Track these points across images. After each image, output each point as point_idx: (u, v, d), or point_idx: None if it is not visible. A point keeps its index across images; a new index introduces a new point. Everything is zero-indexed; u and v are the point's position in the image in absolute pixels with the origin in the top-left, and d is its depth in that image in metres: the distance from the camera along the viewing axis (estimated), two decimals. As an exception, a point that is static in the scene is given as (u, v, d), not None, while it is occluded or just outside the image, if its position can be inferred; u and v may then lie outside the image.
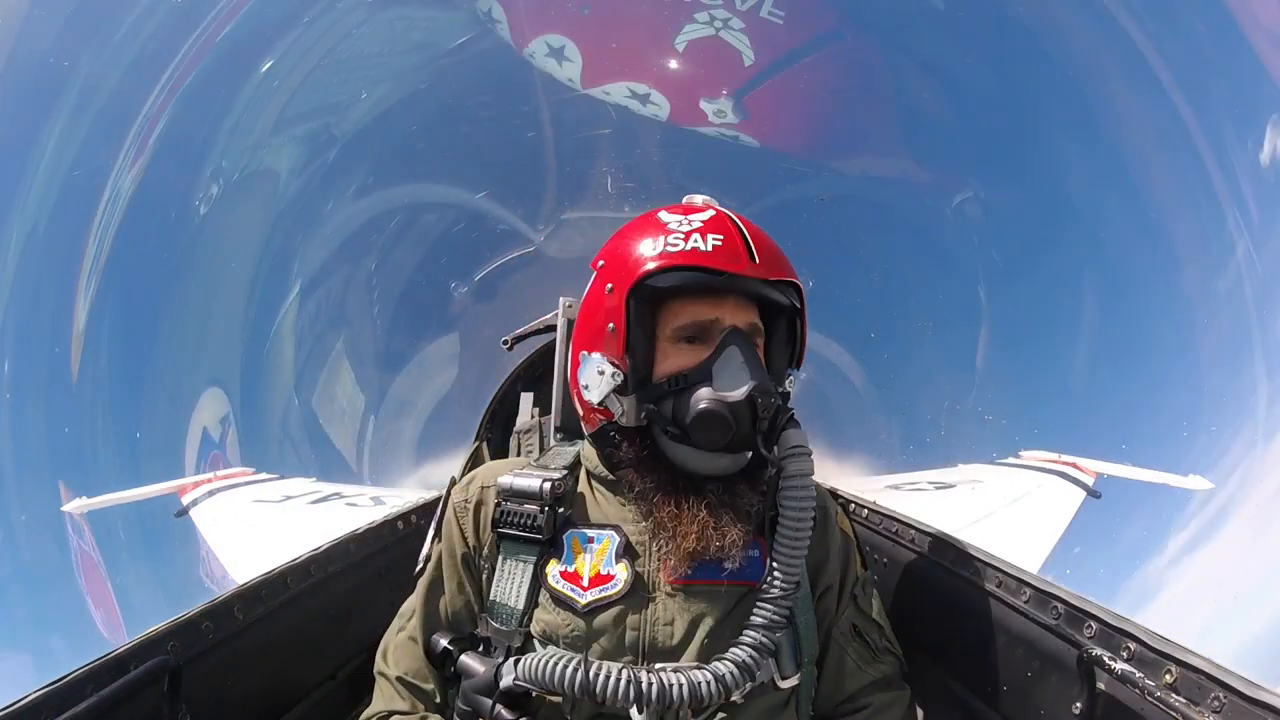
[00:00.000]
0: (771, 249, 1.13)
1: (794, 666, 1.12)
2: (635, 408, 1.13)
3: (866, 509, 1.91)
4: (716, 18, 4.34)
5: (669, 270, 1.08)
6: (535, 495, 1.17)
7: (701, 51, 4.48)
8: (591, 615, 1.10)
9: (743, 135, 4.74)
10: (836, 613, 1.21)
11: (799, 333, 1.20)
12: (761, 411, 1.05)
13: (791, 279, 1.14)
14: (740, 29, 4.37)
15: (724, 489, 1.11)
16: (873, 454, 4.60)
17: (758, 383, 1.05)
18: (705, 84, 4.62)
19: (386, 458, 5.07)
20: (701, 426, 1.06)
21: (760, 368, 1.07)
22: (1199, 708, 0.84)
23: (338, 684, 1.61)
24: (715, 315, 1.11)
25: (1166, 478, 4.25)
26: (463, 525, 1.25)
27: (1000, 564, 1.31)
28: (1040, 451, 4.51)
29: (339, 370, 5.23)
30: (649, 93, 4.60)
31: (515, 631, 1.15)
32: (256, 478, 4.97)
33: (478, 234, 4.96)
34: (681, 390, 1.09)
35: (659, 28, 4.49)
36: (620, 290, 1.11)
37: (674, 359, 1.12)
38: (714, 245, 1.08)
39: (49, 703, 0.93)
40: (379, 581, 1.79)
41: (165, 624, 1.17)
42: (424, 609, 1.26)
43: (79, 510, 4.93)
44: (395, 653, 1.25)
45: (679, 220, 1.13)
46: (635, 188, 4.72)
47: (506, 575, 1.18)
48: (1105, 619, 1.02)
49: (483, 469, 1.33)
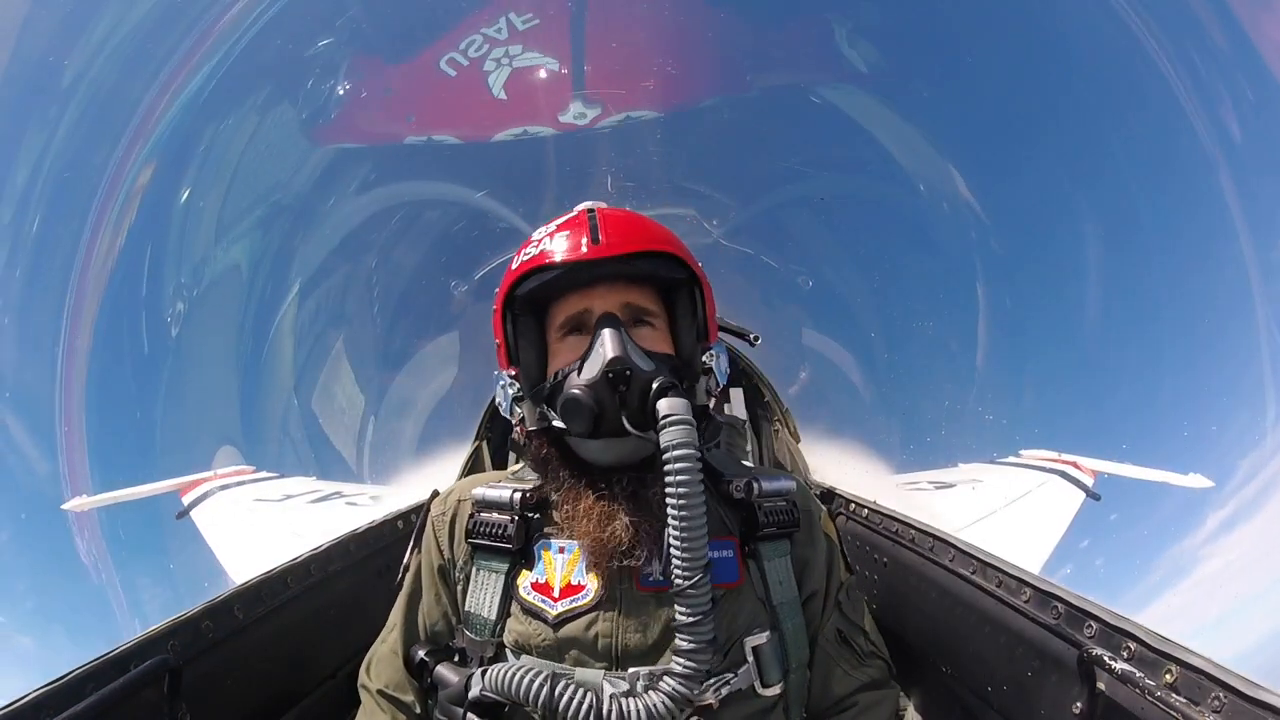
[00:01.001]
0: (627, 228, 1.11)
1: (778, 673, 1.10)
2: (532, 411, 1.16)
3: (866, 509, 1.91)
4: (500, 59, 4.43)
5: (525, 276, 1.12)
6: (505, 505, 1.19)
7: (519, 82, 4.54)
8: (562, 625, 1.10)
9: (630, 114, 4.68)
10: (822, 619, 1.21)
11: (700, 304, 1.17)
12: (622, 386, 1.02)
13: (654, 249, 1.11)
14: (521, 52, 4.43)
15: (632, 480, 1.11)
16: (873, 454, 4.59)
17: (613, 357, 1.03)
18: (547, 104, 4.64)
19: (386, 458, 5.07)
20: (569, 414, 1.06)
21: (621, 345, 1.04)
22: (1199, 708, 0.84)
23: (338, 684, 1.61)
24: (585, 305, 1.12)
25: (1167, 476, 4.25)
26: (439, 537, 1.27)
27: (1000, 564, 1.31)
28: (1040, 451, 4.51)
29: (339, 370, 5.23)
30: (523, 130, 4.69)
31: (488, 642, 1.16)
32: (257, 476, 4.97)
33: (478, 233, 4.96)
34: (559, 383, 1.11)
35: (470, 87, 4.56)
36: (497, 307, 1.17)
37: (560, 356, 1.14)
38: (558, 241, 1.10)
39: (50, 701, 0.94)
40: (379, 581, 1.79)
41: (165, 623, 1.17)
42: (404, 621, 1.28)
43: (79, 508, 4.94)
44: (377, 666, 1.27)
45: (541, 230, 1.17)
46: (635, 187, 4.72)
47: (479, 586, 1.19)
48: (1105, 619, 1.02)
49: (462, 482, 1.36)
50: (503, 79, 4.51)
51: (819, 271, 4.77)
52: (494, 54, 4.42)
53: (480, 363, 4.43)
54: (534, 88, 4.62)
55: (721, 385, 1.15)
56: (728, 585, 1.12)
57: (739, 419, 3.03)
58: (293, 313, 5.14)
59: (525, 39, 4.41)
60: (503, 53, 4.43)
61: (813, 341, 4.76)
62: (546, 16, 4.41)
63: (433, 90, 4.71)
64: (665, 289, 1.18)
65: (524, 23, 4.37)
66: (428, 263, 5.11)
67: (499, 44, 4.40)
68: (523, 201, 4.82)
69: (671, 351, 1.15)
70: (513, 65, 4.47)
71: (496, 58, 4.44)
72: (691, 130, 4.82)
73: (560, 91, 4.56)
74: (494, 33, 4.37)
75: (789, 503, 1.21)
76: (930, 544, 1.55)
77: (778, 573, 1.16)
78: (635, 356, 1.05)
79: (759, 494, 1.17)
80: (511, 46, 4.42)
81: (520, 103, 4.61)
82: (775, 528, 1.17)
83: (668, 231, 1.17)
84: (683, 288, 1.16)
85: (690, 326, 1.16)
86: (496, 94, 4.56)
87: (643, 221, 1.16)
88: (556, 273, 1.10)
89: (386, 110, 4.88)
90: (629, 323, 1.11)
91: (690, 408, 0.99)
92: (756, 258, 4.72)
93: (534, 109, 4.64)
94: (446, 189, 5.10)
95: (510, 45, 4.41)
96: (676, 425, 0.97)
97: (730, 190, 4.78)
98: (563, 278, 1.11)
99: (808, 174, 4.89)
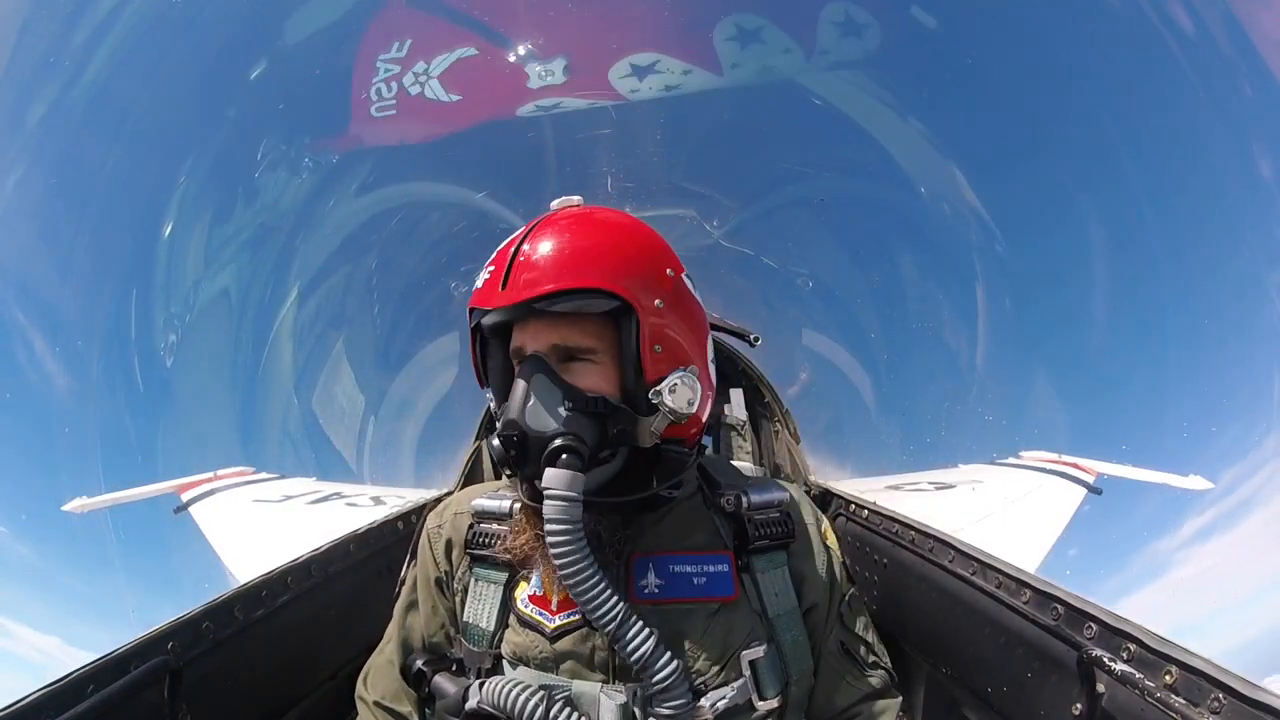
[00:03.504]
0: (547, 266, 1.03)
1: (776, 686, 1.10)
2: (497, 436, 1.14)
3: (866, 509, 1.91)
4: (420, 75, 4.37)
5: (472, 310, 1.11)
6: (504, 516, 1.19)
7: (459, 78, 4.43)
8: (560, 638, 1.09)
9: (603, 102, 4.61)
10: (824, 631, 1.20)
11: (635, 337, 1.06)
12: (512, 451, 1.01)
13: (564, 288, 1.02)
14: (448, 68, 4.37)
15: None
16: (873, 454, 4.60)
17: (508, 419, 1.01)
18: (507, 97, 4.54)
19: (386, 458, 5.07)
20: (496, 457, 1.06)
21: (523, 404, 1.01)
22: (1199, 708, 0.84)
23: (338, 684, 1.61)
24: (520, 343, 1.09)
25: (1167, 478, 4.25)
26: (435, 550, 1.27)
27: (1000, 564, 1.31)
28: (1040, 451, 4.51)
29: (339, 370, 5.23)
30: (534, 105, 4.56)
31: (486, 653, 1.15)
32: (256, 477, 4.97)
33: (478, 234, 4.96)
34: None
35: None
36: (471, 327, 1.15)
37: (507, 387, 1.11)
38: (484, 280, 1.07)
39: (50, 703, 0.94)
40: (379, 581, 1.79)
41: (165, 624, 1.17)
42: (401, 632, 1.28)
43: (78, 509, 4.93)
44: (374, 677, 1.28)
45: (494, 252, 1.12)
46: (635, 187, 4.72)
47: (477, 597, 1.19)
48: (1105, 619, 1.02)
49: (460, 494, 1.36)
50: (439, 87, 4.43)
51: (819, 272, 4.77)
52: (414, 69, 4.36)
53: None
54: (480, 77, 4.49)
55: (688, 415, 1.06)
56: (722, 600, 1.11)
57: (739, 419, 3.03)
58: (293, 313, 5.15)
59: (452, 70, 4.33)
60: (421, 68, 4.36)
61: (813, 341, 4.76)
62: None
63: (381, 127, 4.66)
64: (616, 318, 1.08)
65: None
66: (427, 263, 5.12)
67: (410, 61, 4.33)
68: (523, 201, 4.82)
69: (612, 388, 1.07)
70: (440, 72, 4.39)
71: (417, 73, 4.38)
72: (692, 129, 4.82)
73: (513, 72, 4.44)
74: (395, 53, 4.33)
75: (782, 513, 1.20)
76: (930, 545, 1.55)
77: (774, 585, 1.15)
78: (531, 419, 1.01)
79: (748, 506, 1.17)
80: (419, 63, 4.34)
81: (477, 93, 4.52)
82: (768, 540, 1.16)
83: (609, 253, 1.06)
84: (623, 317, 1.06)
85: (631, 360, 1.06)
86: (445, 98, 4.47)
87: (572, 248, 1.05)
88: (479, 316, 1.09)
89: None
90: (563, 359, 1.06)
91: (577, 479, 0.96)
92: (756, 258, 4.72)
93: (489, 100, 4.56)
94: (446, 189, 5.11)
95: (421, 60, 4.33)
96: (553, 500, 0.95)
97: (730, 190, 4.78)
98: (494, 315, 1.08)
99: (808, 174, 4.89)
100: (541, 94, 4.48)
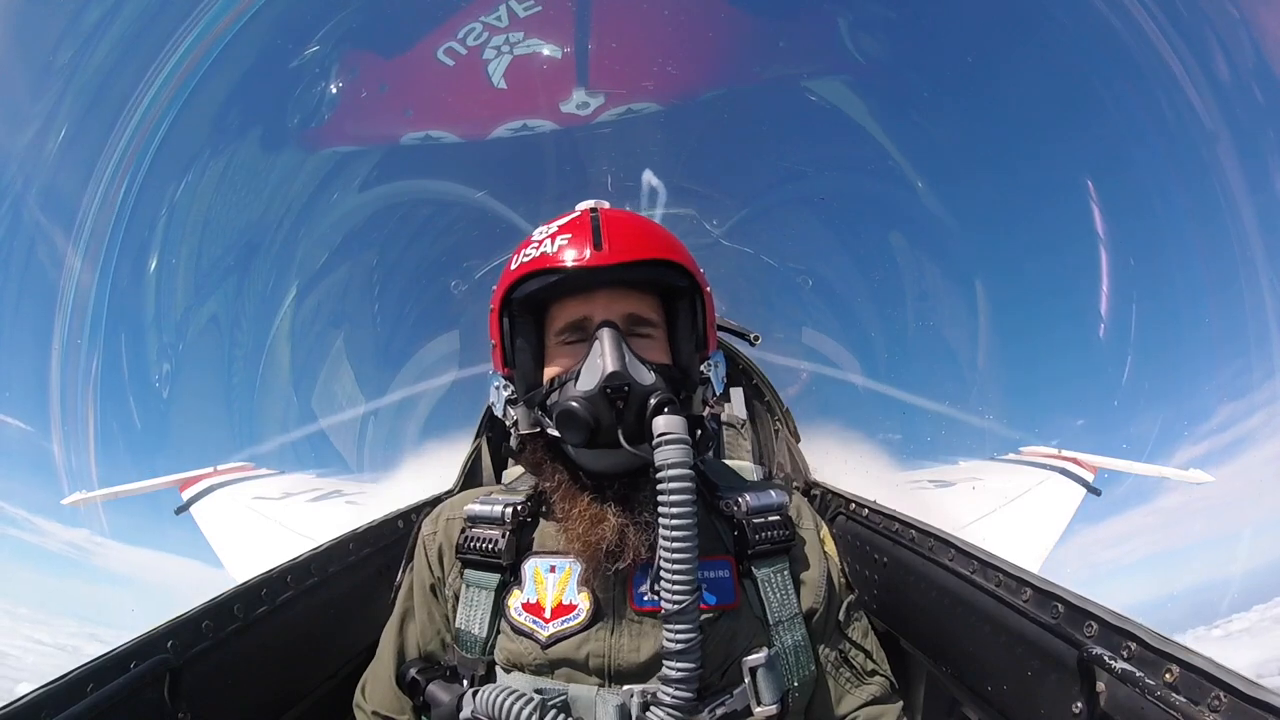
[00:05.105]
0: (630, 234, 1.08)
1: (776, 692, 1.09)
2: (527, 415, 1.15)
3: (866, 508, 1.91)
4: (500, 47, 4.34)
5: (524, 279, 1.09)
6: (497, 520, 1.19)
7: (519, 70, 4.42)
8: (553, 645, 1.09)
9: (633, 107, 4.63)
10: (824, 637, 1.20)
11: (700, 313, 1.15)
12: (620, 402, 1.01)
13: (657, 257, 1.08)
14: (522, 39, 4.32)
15: (625, 485, 1.10)
16: (873, 453, 4.59)
17: (612, 371, 1.01)
18: (548, 94, 4.51)
19: (386, 457, 5.07)
20: (563, 425, 1.05)
21: (620, 357, 1.02)
22: (1199, 707, 0.84)
23: (338, 683, 1.61)
24: (586, 312, 1.10)
25: (1167, 472, 4.26)
26: (429, 556, 1.27)
27: (1000, 564, 1.31)
28: (1040, 448, 4.52)
29: (339, 369, 5.23)
30: (523, 124, 4.59)
31: (479, 659, 1.15)
32: (256, 474, 4.98)
33: (478, 233, 4.96)
34: (556, 391, 1.09)
35: (470, 77, 4.46)
36: (494, 308, 1.15)
37: (558, 362, 1.12)
38: (560, 245, 1.07)
39: (49, 701, 0.94)
40: (379, 581, 1.79)
41: (165, 623, 1.17)
42: (397, 641, 1.28)
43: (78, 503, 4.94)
44: (371, 686, 1.28)
45: (542, 229, 1.14)
46: (635, 186, 4.71)
47: (469, 603, 1.18)
48: (1105, 618, 1.02)
49: (454, 499, 1.36)
50: (503, 67, 4.40)
51: (819, 271, 4.76)
52: (494, 42, 4.32)
53: (480, 362, 4.43)
54: (535, 76, 4.51)
55: (719, 393, 1.13)
56: (724, 607, 1.11)
57: (739, 419, 3.03)
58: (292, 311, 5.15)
59: (526, 26, 4.29)
60: (503, 40, 4.33)
61: (813, 341, 4.76)
62: (549, 2, 4.33)
63: (430, 82, 4.66)
64: (665, 296, 1.15)
65: (525, 9, 4.29)
66: (427, 261, 5.11)
67: (499, 31, 4.29)
68: (523, 200, 4.82)
69: (669, 361, 1.12)
70: (513, 53, 4.36)
71: (496, 45, 4.34)
72: (693, 128, 4.81)
73: (563, 80, 4.47)
74: (494, 20, 4.29)
75: (782, 518, 1.19)
76: (930, 544, 1.55)
77: (775, 590, 1.15)
78: (633, 370, 1.03)
79: (746, 511, 1.16)
80: (512, 33, 4.32)
81: (521, 92, 4.51)
82: (768, 545, 1.16)
83: (671, 236, 1.15)
84: (683, 295, 1.13)
85: (690, 335, 1.14)
86: (496, 83, 4.46)
87: (646, 226, 1.14)
88: (557, 277, 1.07)
89: (383, 106, 4.84)
90: (628, 332, 1.08)
91: (687, 424, 0.99)
92: (756, 257, 4.72)
93: (535, 98, 4.54)
94: (446, 188, 5.10)
95: (511, 32, 4.31)
96: (672, 444, 0.96)
97: (730, 190, 4.77)
98: (563, 282, 1.08)
99: (808, 173, 4.89)
100: (575, 114, 4.54)
